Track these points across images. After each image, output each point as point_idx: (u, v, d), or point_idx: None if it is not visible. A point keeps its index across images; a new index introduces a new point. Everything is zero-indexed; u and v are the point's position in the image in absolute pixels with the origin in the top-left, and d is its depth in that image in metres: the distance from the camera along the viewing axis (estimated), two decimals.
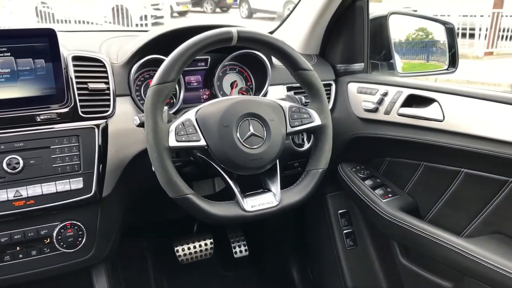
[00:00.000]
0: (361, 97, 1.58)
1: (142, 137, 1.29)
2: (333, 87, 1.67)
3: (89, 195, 1.22)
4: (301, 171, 1.26)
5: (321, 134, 1.24)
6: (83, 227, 1.25)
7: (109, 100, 1.28)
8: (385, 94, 1.50)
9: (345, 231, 1.84)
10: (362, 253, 1.82)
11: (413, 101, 1.43)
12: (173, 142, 1.07)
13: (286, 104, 1.23)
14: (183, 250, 2.02)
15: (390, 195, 1.55)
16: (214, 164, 1.15)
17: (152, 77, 1.38)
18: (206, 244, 2.05)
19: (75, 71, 1.24)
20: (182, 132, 1.08)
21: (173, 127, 1.08)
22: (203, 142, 1.11)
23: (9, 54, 1.17)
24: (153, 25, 10.53)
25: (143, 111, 1.31)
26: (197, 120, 1.12)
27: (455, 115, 1.31)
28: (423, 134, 1.39)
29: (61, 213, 1.22)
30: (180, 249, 2.02)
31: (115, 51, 1.40)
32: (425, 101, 1.39)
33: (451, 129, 1.31)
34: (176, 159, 1.30)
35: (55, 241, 1.22)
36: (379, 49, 1.78)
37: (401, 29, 1.87)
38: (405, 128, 1.44)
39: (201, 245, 2.05)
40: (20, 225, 1.19)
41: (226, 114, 1.12)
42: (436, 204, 1.45)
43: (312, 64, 1.24)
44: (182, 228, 2.11)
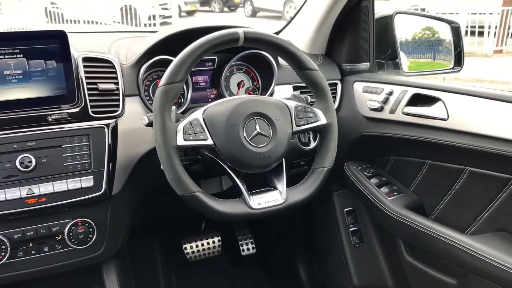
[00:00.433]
0: (367, 96, 1.59)
1: (150, 136, 1.31)
2: (339, 87, 1.69)
3: (99, 193, 1.25)
4: (307, 170, 1.28)
5: (326, 133, 1.26)
6: (94, 224, 1.28)
7: (119, 100, 1.31)
8: (390, 93, 1.51)
9: (351, 229, 1.85)
10: (368, 251, 1.83)
11: (418, 100, 1.44)
12: (181, 141, 1.09)
13: (292, 103, 1.24)
14: (191, 247, 2.05)
15: (395, 193, 1.57)
16: (221, 162, 1.17)
17: (160, 78, 1.41)
18: (214, 241, 2.08)
19: (85, 72, 1.27)
20: (189, 131, 1.10)
21: (181, 126, 1.10)
22: (210, 141, 1.12)
23: (21, 55, 1.20)
24: (161, 24, 10.57)
25: (151, 111, 1.34)
26: (204, 119, 1.14)
27: (459, 114, 1.32)
28: (427, 132, 1.40)
29: (72, 211, 1.25)
30: (188, 246, 2.05)
31: (124, 52, 1.43)
32: (430, 100, 1.40)
33: (455, 127, 1.32)
34: (184, 157, 1.32)
35: (66, 237, 1.25)
36: (384, 49, 1.79)
37: (408, 28, 1.88)
38: (410, 127, 1.45)
39: (209, 243, 2.07)
40: (32, 222, 1.22)
41: (233, 113, 1.14)
42: (440, 202, 1.46)
43: (318, 63, 1.25)
44: (190, 226, 2.13)
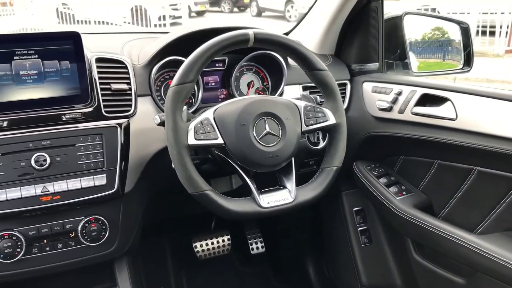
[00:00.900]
0: (376, 96, 1.60)
1: (162, 136, 1.34)
2: (348, 87, 1.70)
3: (112, 191, 1.27)
4: (316, 169, 1.28)
5: (335, 132, 1.26)
6: (106, 221, 1.30)
7: (131, 100, 1.33)
8: (399, 93, 1.52)
9: (360, 228, 1.86)
10: (376, 250, 1.84)
11: (426, 100, 1.45)
12: (192, 140, 1.10)
13: (301, 103, 1.25)
14: (201, 246, 2.07)
15: (404, 193, 1.57)
16: (231, 161, 1.19)
17: (171, 78, 1.44)
18: (223, 240, 2.10)
19: (99, 72, 1.29)
20: (200, 130, 1.12)
21: (192, 126, 1.12)
22: (220, 140, 1.14)
23: (36, 56, 1.22)
24: (171, 25, 10.62)
25: (163, 111, 1.36)
26: (215, 119, 1.15)
27: (468, 114, 1.32)
28: (436, 132, 1.40)
29: (86, 208, 1.27)
30: (198, 245, 2.07)
31: (136, 52, 1.45)
32: (439, 100, 1.41)
33: (464, 127, 1.32)
34: (194, 157, 1.34)
35: (79, 234, 1.27)
36: (394, 49, 1.79)
37: (417, 29, 1.88)
38: (419, 126, 1.46)
39: (218, 242, 2.09)
40: (47, 219, 1.24)
41: (243, 113, 1.15)
42: (449, 201, 1.47)
43: (327, 64, 1.26)
44: (200, 224, 2.15)
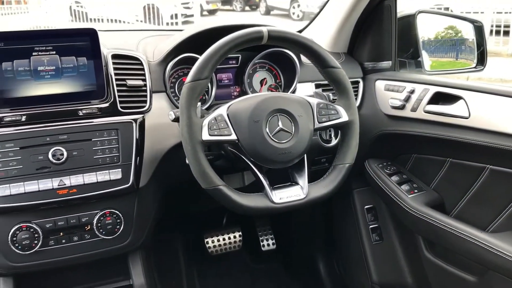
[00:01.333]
0: (388, 94, 1.60)
1: (176, 132, 1.35)
2: (361, 85, 1.70)
3: (127, 185, 1.29)
4: (328, 167, 1.29)
5: (348, 129, 1.27)
6: (121, 215, 1.31)
7: (146, 96, 1.34)
8: (412, 91, 1.52)
9: (371, 226, 1.86)
10: (387, 248, 1.84)
11: (439, 98, 1.45)
12: (206, 136, 1.12)
13: (314, 100, 1.26)
14: (213, 242, 2.09)
15: (416, 191, 1.58)
16: (244, 157, 1.20)
17: (186, 75, 1.45)
18: (235, 236, 2.11)
19: (115, 69, 1.31)
20: (214, 126, 1.13)
21: (206, 122, 1.13)
22: (234, 136, 1.15)
23: (54, 52, 1.24)
24: (183, 23, 10.65)
25: (177, 107, 1.38)
26: (228, 115, 1.16)
27: (481, 112, 1.32)
28: (449, 131, 1.41)
29: (101, 202, 1.29)
30: (210, 241, 2.09)
31: (151, 49, 1.47)
32: (451, 99, 1.41)
33: (476, 126, 1.32)
34: (208, 152, 1.35)
35: (95, 228, 1.29)
36: (407, 47, 1.79)
37: (430, 27, 1.88)
38: (431, 125, 1.46)
39: (230, 238, 2.11)
40: (63, 212, 1.26)
41: (256, 109, 1.16)
42: (461, 200, 1.47)
43: (340, 62, 1.27)
44: (212, 221, 2.17)
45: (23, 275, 1.35)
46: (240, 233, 2.13)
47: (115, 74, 1.31)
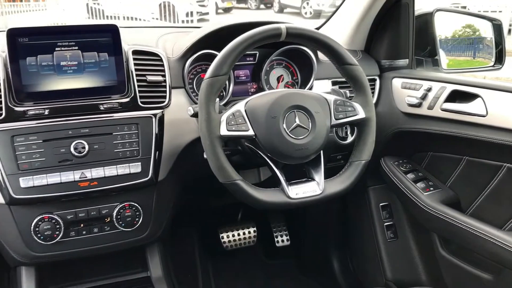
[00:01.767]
0: (405, 92, 1.60)
1: (194, 127, 1.38)
2: (378, 82, 1.70)
3: (146, 179, 1.31)
4: (344, 164, 1.30)
5: (365, 126, 1.27)
6: (140, 208, 1.34)
7: (166, 91, 1.36)
8: (429, 89, 1.52)
9: (386, 224, 1.87)
10: (402, 245, 1.84)
11: (456, 96, 1.45)
12: (224, 131, 1.13)
13: (331, 97, 1.26)
14: (228, 237, 2.11)
15: (431, 189, 1.58)
16: (261, 153, 1.21)
17: (204, 71, 1.47)
18: (249, 232, 2.13)
19: (135, 64, 1.33)
20: (232, 122, 1.14)
21: (224, 117, 1.14)
22: (251, 132, 1.16)
23: (76, 48, 1.27)
24: (199, 21, 10.70)
25: (195, 103, 1.41)
26: (246, 111, 1.17)
27: (499, 110, 1.32)
28: (466, 129, 1.40)
29: (121, 195, 1.32)
30: (225, 235, 2.11)
31: (170, 46, 1.49)
32: (469, 97, 1.41)
33: (494, 124, 1.32)
34: (225, 148, 1.37)
35: (114, 220, 1.31)
36: (424, 46, 1.79)
37: (448, 26, 1.88)
38: (448, 123, 1.46)
39: (244, 233, 2.12)
40: (84, 204, 1.29)
41: (273, 106, 1.17)
42: (477, 198, 1.47)
43: (357, 59, 1.27)
44: (227, 216, 2.19)
45: (45, 264, 1.39)
46: (254, 228, 2.14)
47: (136, 69, 1.33)
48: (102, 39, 1.29)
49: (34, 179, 1.21)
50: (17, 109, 1.22)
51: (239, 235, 2.12)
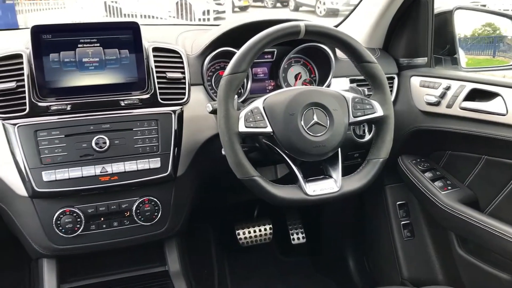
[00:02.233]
0: (424, 90, 1.60)
1: (212, 124, 1.39)
2: (396, 81, 1.70)
3: (165, 174, 1.33)
4: (361, 162, 1.29)
5: (383, 124, 1.27)
6: (159, 202, 1.36)
7: (185, 88, 1.38)
8: (448, 88, 1.51)
9: (402, 222, 1.86)
10: (419, 244, 1.83)
11: (476, 95, 1.44)
12: (242, 127, 1.14)
13: (349, 95, 1.26)
14: (244, 233, 2.12)
15: (449, 188, 1.57)
16: (278, 150, 1.21)
17: (222, 68, 1.48)
18: (265, 229, 2.14)
19: (155, 61, 1.35)
20: (250, 119, 1.15)
21: (243, 114, 1.15)
22: (269, 128, 1.17)
23: (98, 44, 1.29)
24: (215, 20, 10.73)
25: (213, 100, 1.42)
26: (264, 108, 1.18)
27: None
28: (485, 127, 1.39)
29: (140, 190, 1.34)
30: (241, 232, 2.12)
31: (189, 43, 1.50)
32: (488, 95, 1.39)
33: None
34: (243, 144, 1.38)
35: (134, 214, 1.33)
36: (443, 44, 1.78)
37: (467, 24, 1.86)
38: (467, 121, 1.45)
39: (260, 230, 2.14)
40: (104, 198, 1.31)
41: (291, 103, 1.18)
42: (496, 197, 1.45)
43: (375, 57, 1.27)
44: (243, 212, 2.21)
45: (65, 257, 1.42)
46: (270, 225, 2.15)
47: (156, 66, 1.35)
48: (123, 36, 1.31)
49: (56, 173, 1.23)
50: (40, 104, 1.24)
51: (255, 232, 2.13)
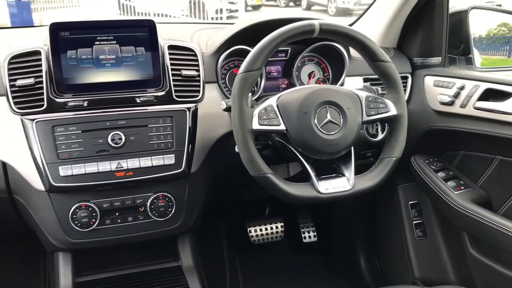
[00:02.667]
0: (437, 90, 1.59)
1: (226, 121, 1.40)
2: (409, 80, 1.70)
3: (179, 170, 1.34)
4: (373, 161, 1.30)
5: (396, 123, 1.27)
6: (173, 198, 1.37)
7: (199, 86, 1.39)
8: (462, 87, 1.51)
9: (415, 222, 1.86)
10: (431, 244, 1.83)
11: (490, 95, 1.43)
12: (256, 125, 1.15)
13: (363, 93, 1.27)
14: (255, 231, 2.13)
15: (462, 188, 1.57)
16: (292, 148, 1.22)
17: (236, 66, 1.50)
18: (277, 227, 2.15)
19: (171, 59, 1.36)
20: (264, 116, 1.16)
21: (256, 111, 1.16)
22: (282, 126, 1.18)
23: (115, 42, 1.31)
24: (228, 18, 10.74)
25: (227, 97, 1.43)
26: (278, 106, 1.19)
27: None
28: (499, 128, 1.39)
29: (155, 185, 1.35)
30: (252, 230, 2.13)
31: (204, 41, 1.52)
32: (503, 95, 1.39)
33: None
34: (256, 142, 1.39)
35: (148, 209, 1.35)
36: (457, 44, 1.77)
37: (482, 24, 1.85)
38: (481, 121, 1.44)
39: (272, 228, 2.15)
40: (119, 194, 1.33)
41: (305, 101, 1.19)
42: (510, 198, 1.45)
43: (389, 56, 1.27)
44: (255, 210, 2.22)
45: (80, 251, 1.44)
46: (282, 224, 2.16)
47: (171, 64, 1.36)
48: (139, 34, 1.33)
49: (72, 168, 1.25)
50: (57, 100, 1.26)
51: (266, 229, 2.14)
